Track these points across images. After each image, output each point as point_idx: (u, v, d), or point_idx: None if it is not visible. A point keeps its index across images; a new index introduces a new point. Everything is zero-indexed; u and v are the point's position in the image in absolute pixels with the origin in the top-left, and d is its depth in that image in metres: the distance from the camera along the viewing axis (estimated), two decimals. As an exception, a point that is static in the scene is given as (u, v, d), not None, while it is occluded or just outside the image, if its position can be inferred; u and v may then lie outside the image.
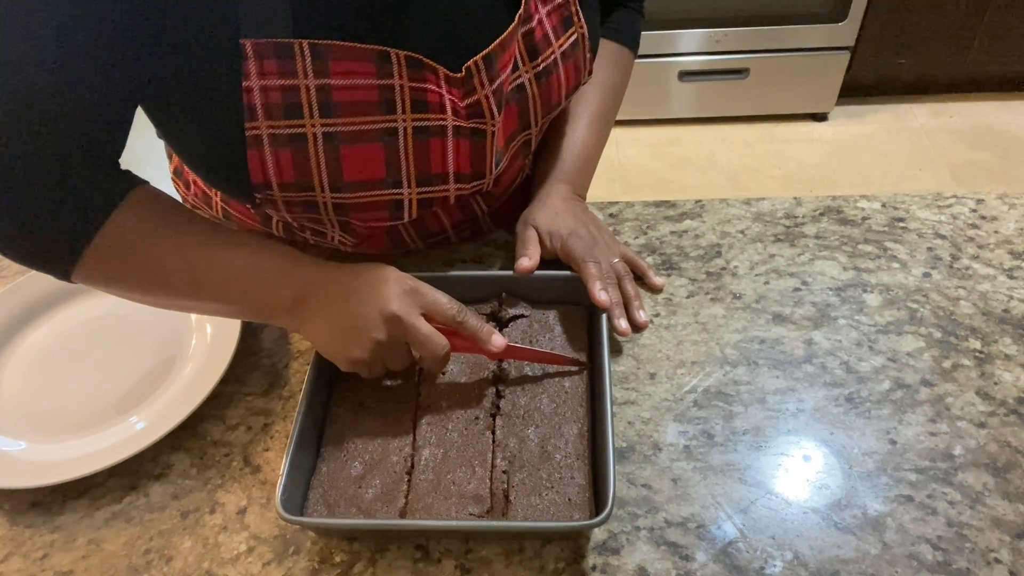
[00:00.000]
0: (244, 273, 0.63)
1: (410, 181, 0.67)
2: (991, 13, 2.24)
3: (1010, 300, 0.76)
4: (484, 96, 0.66)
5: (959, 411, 0.67)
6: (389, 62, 0.61)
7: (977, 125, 2.45)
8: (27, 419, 0.71)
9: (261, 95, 0.59)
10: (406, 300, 0.62)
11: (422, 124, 0.65)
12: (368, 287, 0.62)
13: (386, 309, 0.61)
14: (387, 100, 0.62)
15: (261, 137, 0.61)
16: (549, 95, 0.73)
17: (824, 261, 0.81)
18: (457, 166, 0.68)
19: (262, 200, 0.66)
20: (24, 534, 0.64)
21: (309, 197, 0.66)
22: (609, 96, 0.87)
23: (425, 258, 0.84)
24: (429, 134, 0.65)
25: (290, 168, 0.63)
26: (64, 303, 0.81)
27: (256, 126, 0.61)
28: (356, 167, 0.64)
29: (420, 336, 0.62)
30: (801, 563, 0.58)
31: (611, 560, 0.59)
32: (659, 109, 2.50)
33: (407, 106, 0.63)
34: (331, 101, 0.61)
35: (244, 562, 0.61)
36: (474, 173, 0.70)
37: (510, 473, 0.62)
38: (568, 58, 0.73)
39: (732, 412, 0.68)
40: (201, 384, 0.70)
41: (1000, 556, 0.58)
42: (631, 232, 0.86)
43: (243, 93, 0.59)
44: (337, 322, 0.62)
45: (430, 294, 0.63)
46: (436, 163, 0.67)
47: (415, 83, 0.63)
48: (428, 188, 0.69)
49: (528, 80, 0.71)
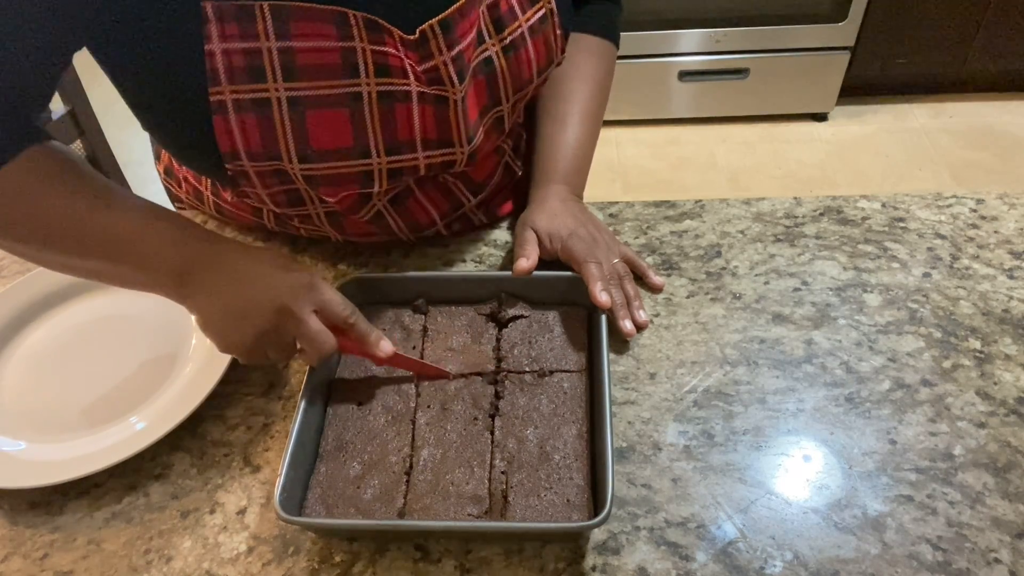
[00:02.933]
0: (132, 235, 0.61)
1: (378, 150, 0.68)
2: (991, 13, 2.24)
3: (1010, 300, 0.76)
4: (442, 62, 0.66)
5: (959, 411, 0.67)
6: (348, 24, 0.62)
7: (977, 125, 2.45)
8: (27, 419, 0.71)
9: (224, 58, 0.60)
10: (301, 294, 0.60)
11: (386, 89, 0.65)
12: (264, 275, 0.61)
13: (279, 300, 0.59)
14: (350, 63, 0.63)
15: (225, 103, 0.61)
16: (519, 71, 0.74)
17: (824, 261, 0.81)
18: (424, 132, 0.69)
19: (234, 173, 0.66)
20: (24, 534, 0.64)
21: (277, 166, 0.66)
22: (596, 92, 0.87)
23: (425, 258, 0.84)
24: (394, 99, 0.66)
25: (256, 134, 0.63)
26: (64, 303, 0.81)
27: (220, 91, 0.61)
28: (323, 134, 0.64)
29: (309, 333, 0.61)
30: (801, 563, 0.58)
31: (611, 560, 0.59)
32: (659, 109, 2.50)
33: (370, 70, 0.64)
34: (294, 64, 0.61)
35: (244, 562, 0.61)
36: (441, 140, 0.70)
37: (509, 474, 0.62)
38: (537, 33, 0.74)
39: (732, 412, 0.68)
40: (201, 384, 0.70)
41: (1000, 556, 0.58)
42: (631, 232, 0.86)
43: (206, 57, 0.59)
44: (225, 304, 0.61)
45: (327, 292, 0.62)
46: (403, 129, 0.68)
47: (375, 46, 0.63)
48: (397, 157, 0.69)
49: (496, 53, 0.71)
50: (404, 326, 0.73)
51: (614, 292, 0.73)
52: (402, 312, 0.74)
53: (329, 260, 0.85)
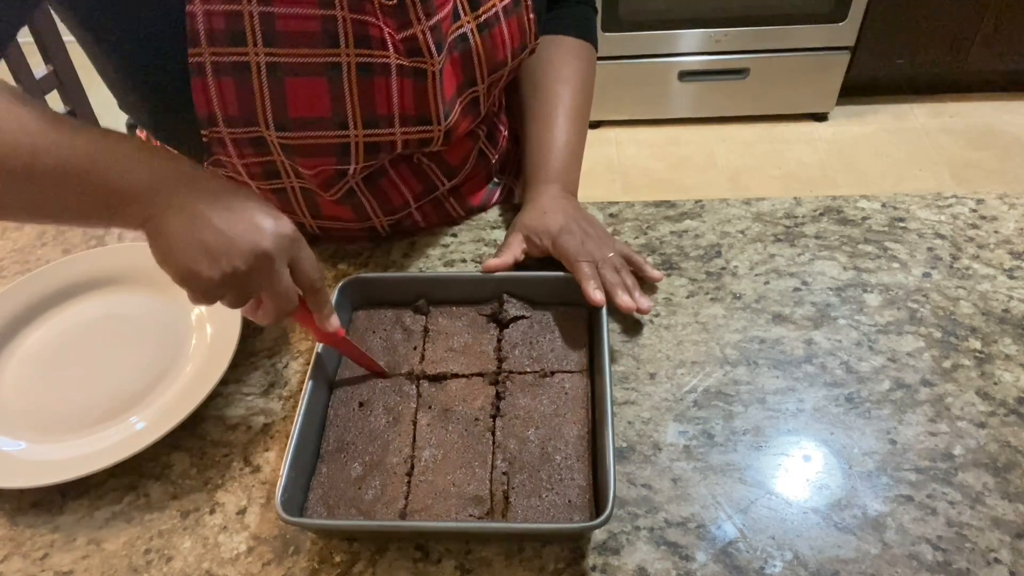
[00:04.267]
0: (94, 152, 0.55)
1: (356, 122, 0.68)
2: (991, 13, 2.24)
3: (1010, 300, 0.76)
4: (421, 31, 0.67)
5: (959, 411, 0.67)
6: None
7: (977, 125, 2.45)
8: (27, 419, 0.71)
9: (204, 20, 0.60)
10: (283, 244, 0.56)
11: (366, 61, 0.65)
12: (248, 211, 0.56)
13: (262, 245, 0.55)
14: (330, 32, 0.63)
15: (204, 65, 0.62)
16: (494, 50, 0.75)
17: (824, 261, 0.81)
18: (402, 107, 0.69)
19: (209, 140, 0.66)
20: (24, 534, 0.64)
21: (255, 133, 0.66)
22: (580, 91, 0.88)
23: (425, 258, 0.84)
24: (373, 72, 0.66)
25: (233, 99, 0.63)
26: (64, 303, 0.81)
27: (199, 52, 0.61)
28: (300, 102, 0.65)
29: (279, 287, 0.57)
30: (801, 563, 0.58)
31: (611, 560, 0.59)
32: (659, 109, 2.50)
33: (350, 40, 0.64)
34: (274, 30, 0.62)
35: (244, 562, 0.61)
36: (419, 116, 0.71)
37: (510, 474, 0.62)
38: (511, 14, 0.75)
39: (732, 412, 0.68)
40: (201, 384, 0.70)
41: (1000, 556, 0.58)
42: (631, 232, 0.86)
43: (186, 18, 0.59)
44: (199, 233, 0.54)
45: (306, 249, 0.59)
46: (381, 103, 0.68)
47: (356, 15, 0.64)
48: (375, 131, 0.69)
49: (471, 30, 0.72)
50: (405, 327, 0.73)
51: (609, 275, 0.73)
52: (403, 313, 0.74)
53: (329, 260, 0.85)
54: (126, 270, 0.82)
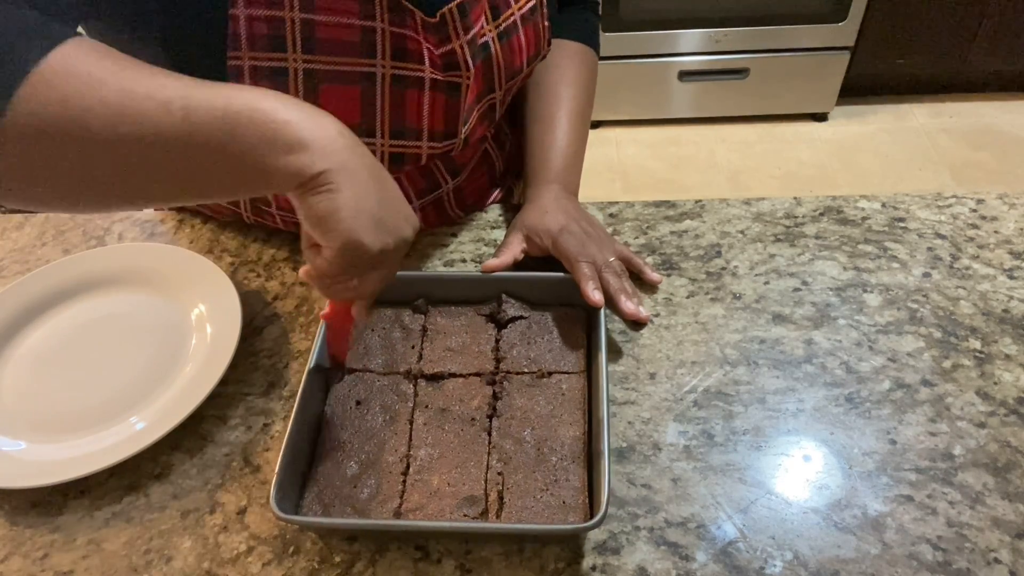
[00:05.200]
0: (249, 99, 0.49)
1: (384, 131, 0.68)
2: (991, 13, 2.24)
3: (1010, 300, 0.76)
4: (459, 46, 0.68)
5: (959, 411, 0.67)
6: (372, 3, 0.62)
7: (977, 125, 2.45)
8: (27, 419, 0.71)
9: (246, 25, 0.60)
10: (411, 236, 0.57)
11: (401, 73, 0.66)
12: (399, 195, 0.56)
13: (408, 230, 0.56)
14: (368, 43, 0.64)
15: (243, 68, 0.62)
16: (512, 58, 0.76)
17: (824, 261, 0.81)
18: (432, 122, 0.70)
19: None
20: (24, 534, 0.64)
21: None
22: (582, 94, 0.89)
23: (425, 258, 0.84)
24: (406, 84, 0.67)
25: None
26: (64, 303, 0.81)
27: (239, 56, 0.61)
28: (332, 108, 0.64)
29: (391, 276, 0.58)
30: (801, 563, 0.58)
31: (611, 560, 0.59)
32: (659, 109, 2.50)
33: (387, 52, 0.64)
34: (314, 37, 0.62)
35: (244, 562, 0.61)
36: (447, 131, 0.71)
37: (505, 475, 0.62)
38: (527, 22, 0.76)
39: (732, 412, 0.68)
40: (201, 384, 0.70)
41: (1000, 556, 0.58)
42: (631, 232, 0.86)
43: (228, 21, 0.59)
44: (370, 205, 0.52)
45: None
46: (411, 116, 0.69)
47: (396, 28, 0.64)
48: (401, 142, 0.70)
49: (492, 39, 0.73)
50: (404, 325, 0.73)
51: (612, 280, 0.73)
52: (402, 312, 0.74)
53: (329, 260, 0.85)
54: (126, 270, 0.82)
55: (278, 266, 0.85)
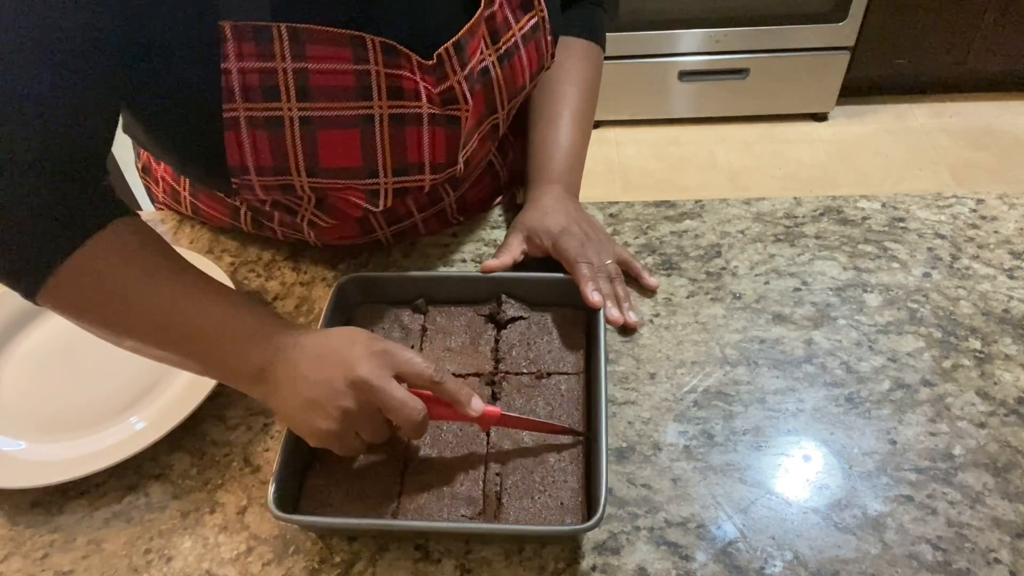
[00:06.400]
0: (215, 329, 0.60)
1: (386, 170, 0.68)
2: (991, 13, 2.24)
3: (1010, 300, 0.76)
4: (457, 82, 0.67)
5: (959, 411, 0.67)
6: (364, 47, 0.62)
7: (977, 125, 2.45)
8: (27, 419, 0.71)
9: (239, 77, 0.60)
10: (375, 362, 0.56)
11: (398, 112, 0.65)
12: (334, 351, 0.58)
13: (352, 373, 0.55)
14: (363, 86, 0.63)
15: (239, 119, 0.62)
16: (514, 78, 0.74)
17: (824, 261, 0.81)
18: (433, 156, 0.69)
19: (239, 185, 0.66)
20: (24, 534, 0.64)
21: (286, 181, 0.66)
22: (586, 93, 0.88)
23: (425, 258, 0.84)
24: (405, 122, 0.66)
25: (267, 151, 0.63)
26: (64, 303, 0.81)
27: (234, 108, 0.61)
28: (332, 153, 0.65)
29: (393, 401, 0.56)
30: (801, 563, 0.58)
31: (611, 560, 0.59)
32: (659, 109, 2.50)
33: (383, 93, 0.64)
34: (308, 85, 0.62)
35: (244, 562, 0.61)
36: (448, 161, 0.71)
37: (503, 476, 0.62)
38: (528, 40, 0.75)
39: (732, 412, 0.68)
40: (201, 384, 0.70)
41: (1000, 556, 0.58)
42: (631, 232, 0.86)
43: (221, 75, 0.59)
44: (302, 392, 0.57)
45: (402, 354, 0.58)
46: (412, 152, 0.68)
47: (390, 69, 0.64)
48: (404, 178, 0.69)
49: (492, 63, 0.72)
50: (403, 326, 0.73)
51: (603, 285, 0.73)
52: (401, 312, 0.74)
53: (328, 261, 0.85)
54: (126, 270, 0.82)
55: (278, 266, 0.85)
